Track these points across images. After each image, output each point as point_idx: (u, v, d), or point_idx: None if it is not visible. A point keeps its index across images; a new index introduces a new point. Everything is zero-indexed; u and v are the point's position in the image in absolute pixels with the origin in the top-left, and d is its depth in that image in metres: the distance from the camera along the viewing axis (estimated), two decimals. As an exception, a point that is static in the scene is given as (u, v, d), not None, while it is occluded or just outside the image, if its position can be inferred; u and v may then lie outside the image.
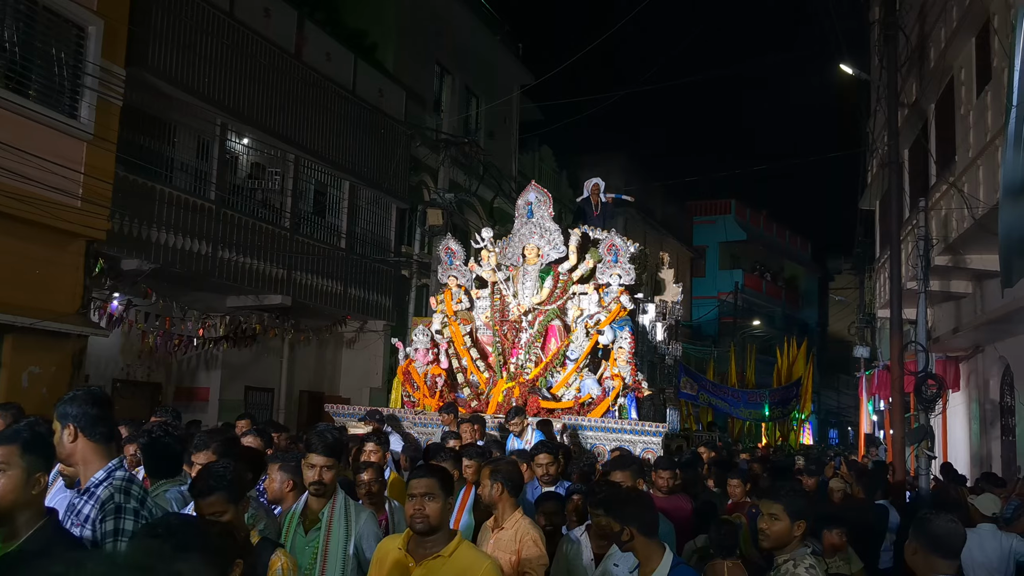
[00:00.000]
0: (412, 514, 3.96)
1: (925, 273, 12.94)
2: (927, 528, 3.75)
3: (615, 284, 11.99)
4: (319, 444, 4.67)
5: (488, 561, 3.96)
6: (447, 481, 4.15)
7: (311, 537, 4.57)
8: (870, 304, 24.22)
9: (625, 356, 11.27)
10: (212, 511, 3.67)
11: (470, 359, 12.29)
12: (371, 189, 18.68)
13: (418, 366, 12.36)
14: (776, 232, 50.08)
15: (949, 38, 13.93)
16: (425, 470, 4.28)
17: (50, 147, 11.22)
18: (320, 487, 4.63)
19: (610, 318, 11.58)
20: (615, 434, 10.42)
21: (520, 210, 12.94)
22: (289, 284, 16.17)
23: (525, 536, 4.84)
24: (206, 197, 14.57)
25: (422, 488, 4.00)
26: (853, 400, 35.72)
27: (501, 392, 11.47)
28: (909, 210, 16.05)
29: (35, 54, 11.27)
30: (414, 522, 3.96)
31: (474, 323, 12.83)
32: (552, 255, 12.50)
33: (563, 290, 12.27)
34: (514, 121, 26.42)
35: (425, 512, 3.93)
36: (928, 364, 13.23)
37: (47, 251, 11.56)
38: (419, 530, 3.95)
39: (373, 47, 20.15)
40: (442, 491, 4.02)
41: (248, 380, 17.07)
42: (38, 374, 11.51)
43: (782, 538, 4.03)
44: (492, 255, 12.79)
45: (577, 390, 11.35)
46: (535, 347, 11.95)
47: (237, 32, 14.95)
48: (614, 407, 11.00)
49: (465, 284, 13.08)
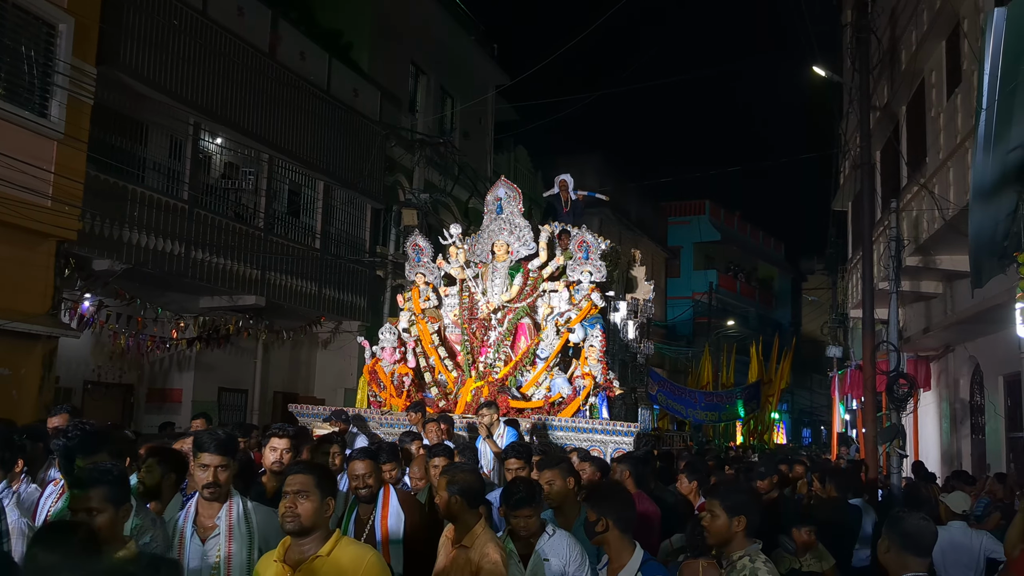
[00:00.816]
0: (283, 513, 3.71)
1: (896, 273, 13.07)
2: (900, 526, 3.79)
3: (586, 281, 11.68)
4: (211, 443, 4.33)
5: (371, 554, 3.77)
6: (325, 479, 3.87)
7: (209, 546, 4.20)
8: (843, 304, 24.39)
9: (596, 355, 11.02)
10: (87, 506, 3.55)
11: (438, 358, 12.00)
12: (346, 189, 18.61)
13: (385, 365, 12.02)
14: (750, 233, 50.38)
15: (920, 41, 14.07)
16: (301, 466, 4.03)
17: (20, 146, 11.10)
18: (215, 489, 4.26)
19: (581, 316, 11.28)
20: (586, 434, 10.14)
21: (489, 206, 12.54)
22: (263, 285, 16.07)
23: (484, 559, 4.34)
24: (179, 197, 14.46)
25: (295, 485, 3.75)
26: (826, 399, 35.96)
27: (470, 391, 11.17)
28: (881, 211, 16.19)
29: (4, 52, 11.15)
30: (285, 522, 3.72)
31: (442, 321, 12.54)
32: (522, 252, 12.12)
33: (533, 287, 11.96)
34: (489, 121, 26.43)
35: (297, 511, 3.69)
36: (900, 363, 13.36)
37: (17, 251, 11.43)
38: (290, 530, 3.71)
39: (348, 47, 20.09)
40: (318, 489, 3.74)
41: (222, 381, 16.95)
42: (8, 376, 11.39)
43: (722, 534, 4.10)
44: (461, 252, 12.46)
45: (547, 389, 11.04)
46: (504, 345, 11.65)
47: (210, 31, 14.84)
48: (585, 406, 10.70)
49: (433, 281, 12.77)
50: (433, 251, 12.88)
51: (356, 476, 5.26)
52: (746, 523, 4.07)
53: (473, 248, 12.59)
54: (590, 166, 32.58)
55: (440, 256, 12.82)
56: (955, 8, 12.41)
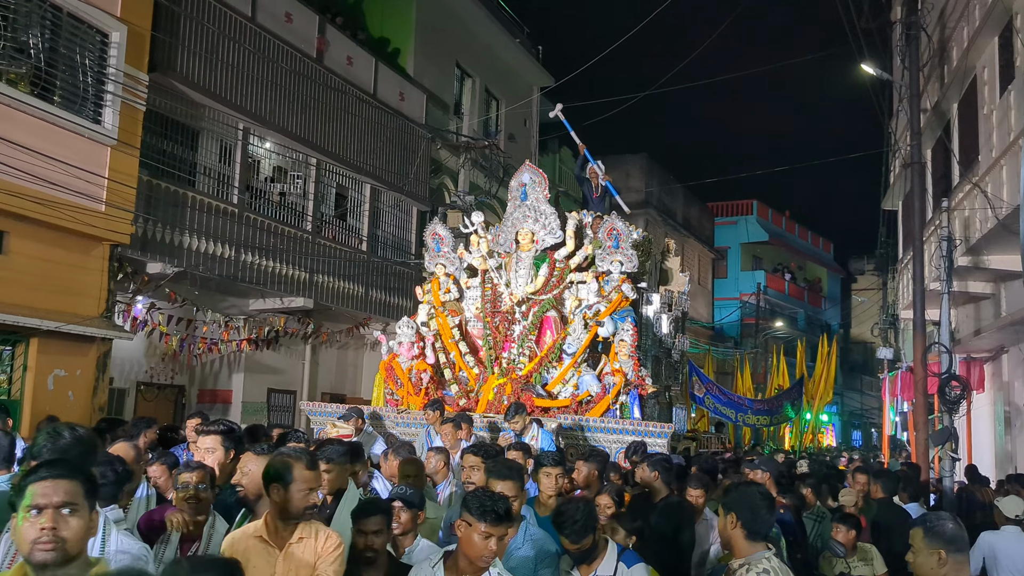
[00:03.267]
0: (36, 538, 2.68)
1: (948, 274, 12.88)
2: (937, 528, 3.61)
3: (616, 272, 10.86)
4: None
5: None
6: (93, 487, 2.92)
7: None
8: (893, 305, 24.05)
9: (627, 350, 10.23)
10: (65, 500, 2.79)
11: (458, 353, 11.23)
12: (392, 192, 18.76)
13: (402, 361, 11.20)
14: (798, 233, 49.81)
15: (972, 38, 13.84)
16: (49, 468, 2.85)
17: (74, 152, 11.36)
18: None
19: (610, 308, 10.51)
20: (616, 435, 9.45)
21: (513, 192, 11.64)
22: (311, 287, 16.27)
23: None
24: (229, 200, 14.70)
25: (58, 496, 2.73)
26: (876, 402, 35.52)
27: (492, 389, 10.43)
28: (932, 210, 15.96)
29: (60, 60, 11.41)
30: (36, 550, 2.68)
31: (464, 315, 11.74)
32: (548, 240, 11.23)
33: (559, 278, 11.13)
34: (534, 123, 26.46)
35: (61, 533, 2.70)
36: (952, 365, 13.16)
37: (72, 255, 11.70)
38: (43, 560, 2.68)
39: (394, 51, 20.25)
40: (87, 500, 2.83)
41: (271, 382, 17.18)
42: (64, 377, 11.65)
43: (723, 534, 3.88)
44: (483, 241, 11.64)
45: (575, 387, 10.31)
46: (529, 340, 10.89)
47: (259, 37, 15.07)
48: (615, 405, 9.94)
49: (454, 273, 11.94)
50: (454, 240, 12.11)
51: None
52: (738, 521, 3.74)
53: (496, 238, 11.80)
54: (636, 166, 32.51)
55: (462, 246, 12.04)
56: (1008, 3, 12.20)
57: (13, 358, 11.32)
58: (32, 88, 11.02)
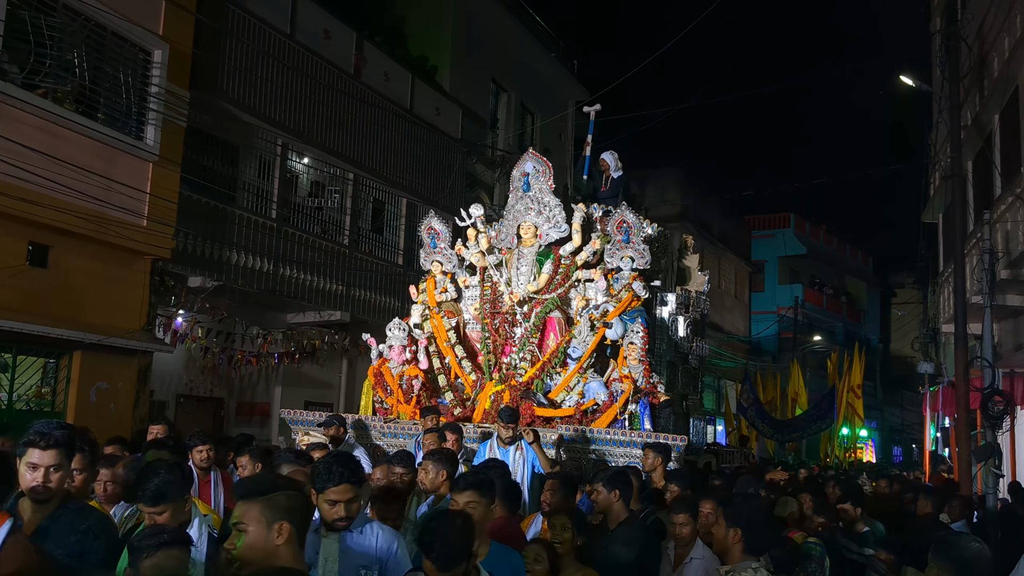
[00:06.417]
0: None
1: (991, 287, 12.69)
2: (950, 552, 3.53)
3: (626, 269, 10.00)
4: None
5: None
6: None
7: None
8: (934, 319, 23.71)
9: (637, 354, 9.39)
10: None
11: (454, 358, 10.28)
12: (428, 206, 18.84)
13: (392, 366, 10.22)
14: (836, 246, 49.26)
15: (1013, 47, 13.68)
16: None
17: (117, 168, 11.57)
18: None
19: (619, 309, 9.64)
20: (623, 448, 8.57)
21: (515, 183, 10.65)
22: (348, 300, 16.40)
23: None
24: (267, 216, 14.85)
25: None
26: (917, 417, 34.98)
27: (488, 397, 9.64)
28: (973, 223, 15.75)
29: (103, 78, 11.62)
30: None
31: (461, 316, 10.83)
32: (552, 235, 10.30)
33: (564, 276, 10.18)
34: (569, 137, 26.47)
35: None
36: (995, 380, 12.95)
37: (114, 269, 11.89)
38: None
39: (431, 67, 20.38)
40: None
41: (308, 395, 17.28)
42: (106, 390, 11.82)
43: (720, 542, 3.94)
44: (482, 235, 10.64)
45: (580, 395, 9.42)
46: (531, 344, 9.97)
47: (297, 54, 15.24)
48: (623, 415, 9.04)
49: (452, 271, 11.00)
50: (452, 236, 11.17)
51: None
52: (742, 537, 3.82)
53: (498, 234, 10.90)
54: (671, 179, 32.39)
55: (460, 242, 11.01)
56: (1050, 14, 12.06)
57: (57, 371, 11.51)
58: (77, 106, 11.24)
